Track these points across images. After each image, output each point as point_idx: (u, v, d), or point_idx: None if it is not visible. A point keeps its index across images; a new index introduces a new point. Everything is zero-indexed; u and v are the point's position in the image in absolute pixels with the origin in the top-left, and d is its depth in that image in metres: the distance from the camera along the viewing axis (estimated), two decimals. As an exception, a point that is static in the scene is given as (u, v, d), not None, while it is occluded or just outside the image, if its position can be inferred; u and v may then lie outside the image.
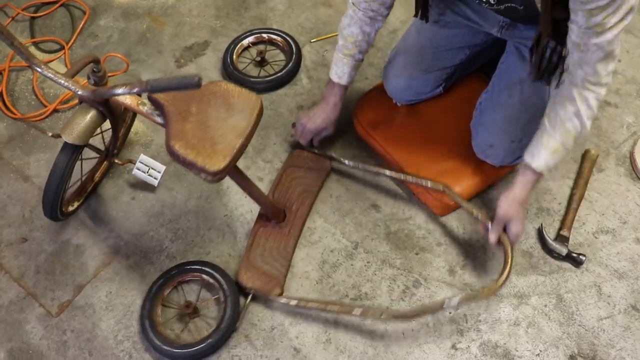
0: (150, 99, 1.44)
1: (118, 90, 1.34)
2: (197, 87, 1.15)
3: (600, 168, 1.97)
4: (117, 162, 1.93)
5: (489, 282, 1.62)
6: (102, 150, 1.86)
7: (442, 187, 1.76)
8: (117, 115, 1.61)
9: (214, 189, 1.95)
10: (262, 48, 2.24)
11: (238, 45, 2.24)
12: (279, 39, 2.27)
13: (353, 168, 1.93)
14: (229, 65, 2.17)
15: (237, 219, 1.90)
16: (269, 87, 2.16)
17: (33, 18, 2.45)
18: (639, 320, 1.69)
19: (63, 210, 1.80)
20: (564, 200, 1.90)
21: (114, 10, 2.46)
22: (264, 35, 2.28)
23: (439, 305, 1.57)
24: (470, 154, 1.85)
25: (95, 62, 1.46)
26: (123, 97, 1.48)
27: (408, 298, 1.74)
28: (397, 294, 1.75)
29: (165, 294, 1.74)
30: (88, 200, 1.94)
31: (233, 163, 1.35)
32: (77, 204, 1.89)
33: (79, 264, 1.84)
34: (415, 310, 1.61)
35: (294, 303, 1.68)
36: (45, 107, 2.15)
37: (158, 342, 1.63)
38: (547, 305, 1.72)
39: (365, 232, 1.86)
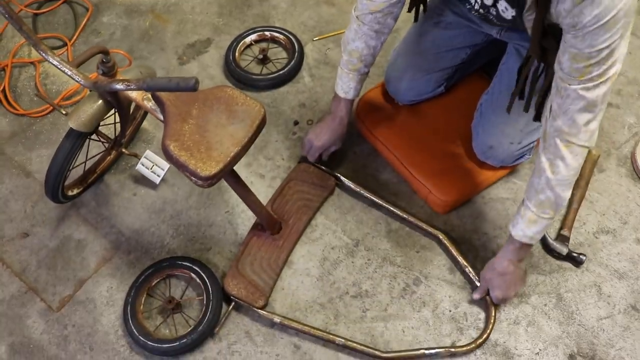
0: (153, 96, 1.45)
1: (117, 85, 1.34)
2: (193, 90, 1.15)
3: (601, 168, 1.98)
4: (124, 152, 1.93)
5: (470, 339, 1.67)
6: (110, 139, 1.87)
7: (440, 235, 1.80)
8: (124, 106, 1.61)
9: (216, 186, 1.95)
10: (264, 46, 2.25)
11: (240, 43, 2.25)
12: (282, 37, 2.27)
13: (356, 192, 1.91)
14: (232, 63, 2.18)
15: (238, 216, 1.90)
16: (271, 84, 2.16)
17: (36, 15, 2.45)
18: (639, 321, 1.70)
19: (65, 193, 1.81)
20: (565, 200, 1.91)
21: (117, 7, 2.47)
22: (267, 33, 2.28)
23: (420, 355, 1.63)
24: (471, 154, 1.86)
25: (104, 52, 1.46)
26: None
27: (408, 296, 1.75)
28: (397, 292, 1.75)
29: (153, 284, 1.75)
30: (89, 196, 1.95)
31: (225, 171, 1.34)
32: (78, 190, 1.90)
33: (80, 259, 1.84)
34: (401, 355, 1.63)
35: (277, 320, 1.67)
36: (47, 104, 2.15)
37: (135, 331, 1.64)
38: (547, 305, 1.73)
39: (366, 229, 1.86)
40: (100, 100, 1.54)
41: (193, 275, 1.73)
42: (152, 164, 1.92)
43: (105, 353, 1.68)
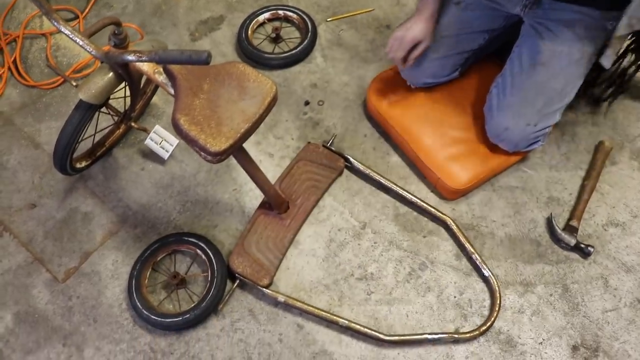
0: (165, 69, 1.44)
1: (128, 57, 1.33)
2: (205, 63, 1.14)
3: (614, 161, 1.95)
4: (133, 126, 1.92)
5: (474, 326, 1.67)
6: (120, 113, 1.86)
7: (448, 220, 1.79)
8: (135, 79, 1.60)
9: (224, 163, 1.95)
10: (277, 25, 2.23)
11: (254, 21, 2.23)
12: (295, 17, 2.25)
13: (365, 175, 1.90)
14: (244, 41, 2.16)
15: (246, 194, 1.89)
16: (283, 64, 2.14)
17: (49, -15, 2.44)
18: (645, 314, 1.69)
19: (73, 166, 1.81)
20: (575, 191, 1.89)
21: (130, -19, 2.45)
22: (280, 12, 2.26)
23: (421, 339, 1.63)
24: (482, 141, 1.84)
25: (116, 24, 1.45)
26: (140, 63, 1.47)
27: (414, 280, 1.74)
28: (402, 276, 1.75)
29: (158, 259, 1.75)
30: (97, 169, 1.95)
31: (235, 147, 1.33)
32: (86, 163, 1.90)
33: (87, 232, 1.84)
34: (401, 339, 1.63)
35: (281, 299, 1.67)
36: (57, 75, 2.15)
37: (139, 304, 1.65)
38: (552, 295, 1.72)
39: (374, 212, 1.86)
40: (111, 73, 1.52)
41: (198, 252, 1.73)
42: (161, 139, 1.91)
43: (109, 325, 1.69)
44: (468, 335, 1.63)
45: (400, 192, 1.84)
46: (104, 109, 1.76)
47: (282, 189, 1.84)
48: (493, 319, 1.65)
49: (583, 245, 1.76)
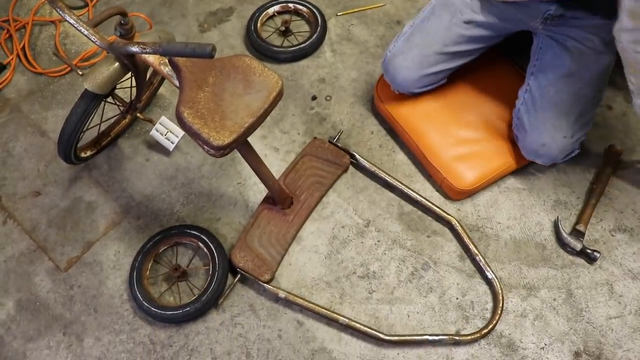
0: (170, 61, 1.42)
1: (132, 48, 1.32)
2: (209, 56, 1.12)
3: (624, 165, 1.92)
4: (139, 116, 1.92)
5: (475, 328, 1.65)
6: (126, 103, 1.85)
7: (453, 221, 1.78)
8: (140, 70, 1.59)
9: (229, 156, 1.94)
10: (287, 18, 2.21)
11: (263, 14, 2.21)
12: (305, 10, 2.23)
13: (371, 172, 1.88)
14: (253, 33, 2.14)
15: (250, 188, 1.88)
16: (292, 57, 2.13)
17: (59, -28, 2.43)
18: (650, 322, 1.67)
19: (77, 155, 1.81)
20: (583, 195, 1.86)
21: (141, -30, 2.43)
22: (290, 5, 2.24)
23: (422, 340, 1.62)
24: (490, 141, 1.82)
25: (122, 14, 1.43)
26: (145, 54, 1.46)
27: (416, 280, 1.73)
28: (405, 275, 1.73)
29: (160, 251, 1.75)
30: (102, 159, 1.94)
31: (239, 141, 1.32)
32: (91, 152, 1.90)
33: (90, 221, 1.84)
34: (401, 339, 1.62)
35: (282, 295, 1.66)
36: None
37: (140, 296, 1.65)
38: (556, 300, 1.70)
39: (378, 210, 1.84)
40: (117, 63, 1.52)
41: (201, 245, 1.72)
42: (166, 131, 1.91)
43: (109, 316, 1.69)
44: (469, 338, 1.62)
45: (406, 190, 1.82)
46: (110, 99, 1.76)
47: (286, 184, 1.82)
48: (495, 322, 1.64)
49: (589, 251, 1.73)
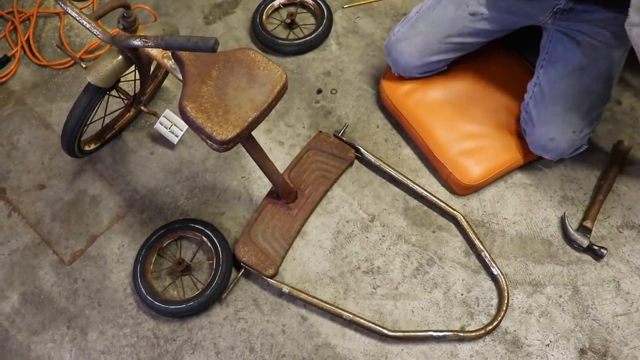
0: (173, 55, 1.41)
1: (134, 42, 1.31)
2: (212, 50, 1.11)
3: (632, 161, 1.90)
4: (143, 109, 1.90)
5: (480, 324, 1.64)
6: (130, 96, 1.85)
7: (459, 216, 1.76)
8: (144, 63, 1.58)
9: (233, 150, 1.93)
10: (293, 10, 2.19)
11: (269, 6, 2.19)
12: (311, 2, 2.20)
13: (376, 166, 1.87)
14: (258, 26, 2.13)
15: (254, 182, 1.87)
16: (297, 50, 2.11)
17: (64, -37, 2.41)
18: (657, 319, 1.65)
19: (81, 148, 1.80)
20: (590, 191, 1.84)
21: (146, -39, 2.42)
22: (296, -3, 2.22)
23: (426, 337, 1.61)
24: (496, 136, 1.80)
25: (125, 7, 1.42)
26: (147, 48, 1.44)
27: (421, 276, 1.72)
28: (410, 271, 1.72)
29: (164, 245, 1.75)
30: (106, 152, 1.94)
31: (242, 136, 1.31)
32: (95, 145, 1.89)
33: (94, 215, 1.84)
34: (405, 335, 1.61)
35: (286, 290, 1.65)
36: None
37: (143, 290, 1.65)
38: (562, 296, 1.68)
39: (383, 205, 1.83)
40: (120, 56, 1.50)
41: (204, 239, 1.72)
42: (170, 124, 1.90)
43: (113, 310, 1.69)
44: (473, 334, 1.61)
45: (411, 185, 1.81)
46: (114, 92, 1.75)
47: (290, 178, 1.81)
48: (500, 319, 1.63)
49: (596, 247, 1.72)
